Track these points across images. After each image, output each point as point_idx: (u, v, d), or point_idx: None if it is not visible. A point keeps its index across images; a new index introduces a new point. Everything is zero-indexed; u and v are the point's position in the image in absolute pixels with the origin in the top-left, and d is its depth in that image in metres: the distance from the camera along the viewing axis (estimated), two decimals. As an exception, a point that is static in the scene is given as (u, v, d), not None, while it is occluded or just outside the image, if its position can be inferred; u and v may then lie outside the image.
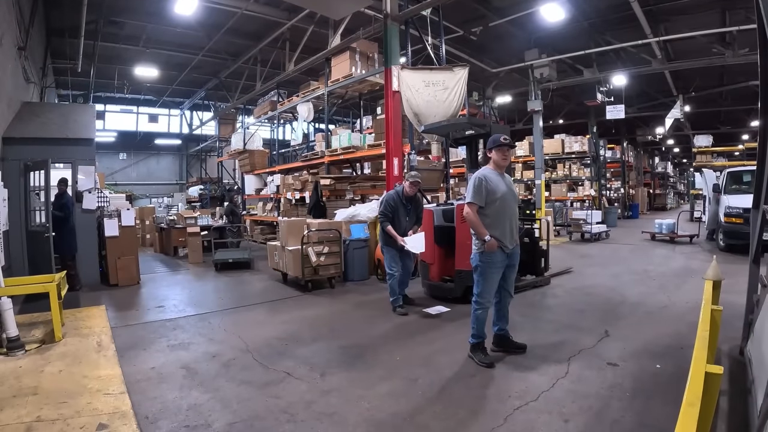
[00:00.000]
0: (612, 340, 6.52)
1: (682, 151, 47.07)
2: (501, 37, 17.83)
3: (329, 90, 15.56)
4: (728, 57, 16.55)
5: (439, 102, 11.32)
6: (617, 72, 19.15)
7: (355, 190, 15.46)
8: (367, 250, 11.06)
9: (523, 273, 9.97)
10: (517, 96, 23.11)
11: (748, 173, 16.14)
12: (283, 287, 10.54)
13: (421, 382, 5.18)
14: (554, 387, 4.97)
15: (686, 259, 13.60)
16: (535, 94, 19.38)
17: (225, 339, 6.86)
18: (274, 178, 19.21)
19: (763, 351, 4.07)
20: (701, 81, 22.60)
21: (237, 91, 23.06)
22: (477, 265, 5.63)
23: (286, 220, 11.22)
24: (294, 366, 5.68)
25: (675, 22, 15.98)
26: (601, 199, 25.42)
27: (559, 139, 25.96)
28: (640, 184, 35.94)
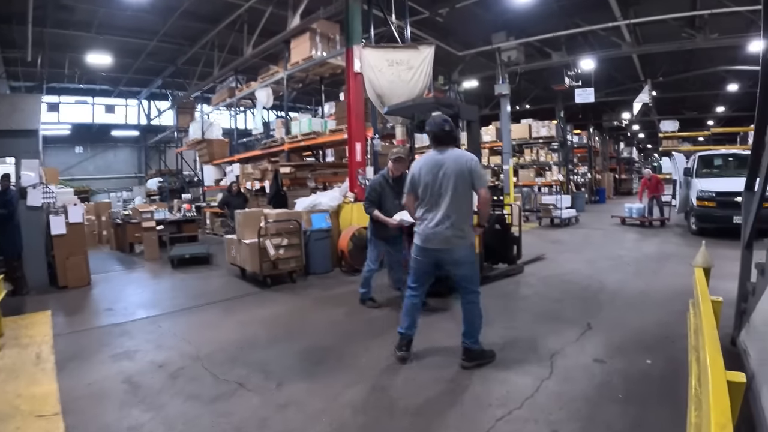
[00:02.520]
0: (595, 332, 6.09)
1: (647, 136, 47.65)
2: (468, 19, 17.30)
3: (289, 74, 14.86)
4: (699, 41, 16.50)
5: (403, 82, 10.73)
6: (586, 55, 18.92)
7: (316, 177, 14.81)
8: (329, 240, 10.43)
9: (495, 261, 9.55)
10: (483, 80, 22.76)
11: (719, 157, 16.51)
12: (241, 283, 9.82)
13: (390, 390, 4.65)
14: (539, 391, 4.48)
15: (660, 244, 13.42)
16: (503, 78, 18.99)
17: (174, 345, 6.17)
18: (233, 168, 18.51)
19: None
20: (669, 66, 22.63)
21: (194, 79, 22.19)
22: (473, 254, 5.30)
23: (242, 211, 10.48)
24: (248, 375, 5.08)
25: (645, 5, 15.77)
26: (569, 184, 25.27)
27: (526, 124, 25.82)
28: (606, 169, 36.20)
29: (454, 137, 5.21)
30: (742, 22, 15.87)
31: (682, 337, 5.62)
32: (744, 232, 5.21)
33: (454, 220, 4.90)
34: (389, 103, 10.20)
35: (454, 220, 4.90)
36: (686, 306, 6.73)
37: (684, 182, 16.07)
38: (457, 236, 4.94)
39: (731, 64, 21.47)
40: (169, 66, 22.68)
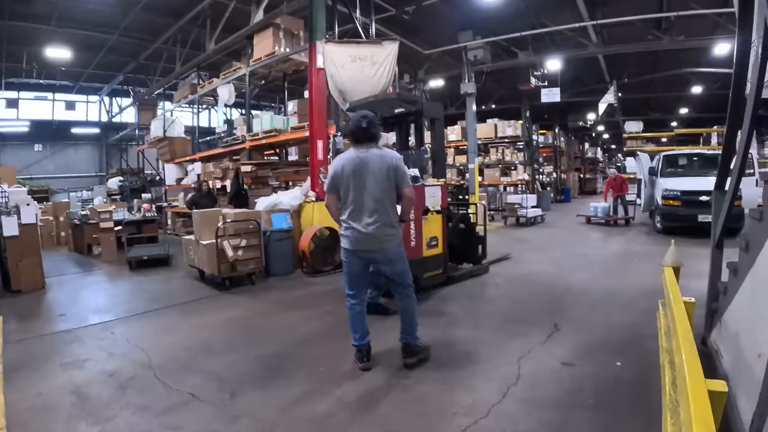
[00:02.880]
0: (563, 334, 5.91)
1: (611, 136, 48.27)
2: (434, 18, 17.08)
3: (251, 70, 14.48)
4: (665, 43, 16.70)
5: (366, 78, 10.50)
6: (552, 56, 18.94)
7: (278, 176, 14.43)
8: (290, 241, 10.10)
9: (459, 261, 9.38)
10: (449, 80, 22.59)
11: (684, 157, 16.74)
12: (199, 286, 9.40)
13: (349, 399, 4.36)
14: (506, 397, 4.25)
15: (625, 242, 13.48)
16: (469, 77, 18.88)
17: (126, 353, 5.78)
18: (194, 167, 18.01)
19: (744, 353, 3.66)
20: (634, 67, 22.91)
21: (156, 75, 21.66)
22: (402, 251, 5.15)
23: (199, 211, 10.09)
24: (201, 384, 4.74)
25: (612, 6, 15.78)
26: (534, 184, 25.39)
27: (491, 123, 25.87)
28: (571, 168, 36.76)
29: (374, 135, 4.98)
30: (708, 25, 16.10)
31: (651, 338, 5.51)
32: (714, 232, 5.11)
33: (383, 219, 4.83)
34: (351, 100, 9.96)
35: (383, 219, 4.83)
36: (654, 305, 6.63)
37: (649, 181, 16.25)
38: (387, 235, 4.87)
39: (696, 66, 21.75)
40: (130, 61, 22.04)
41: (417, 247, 7.73)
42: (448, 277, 8.51)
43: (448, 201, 8.48)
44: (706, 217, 12.52)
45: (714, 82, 24.38)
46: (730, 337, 4.19)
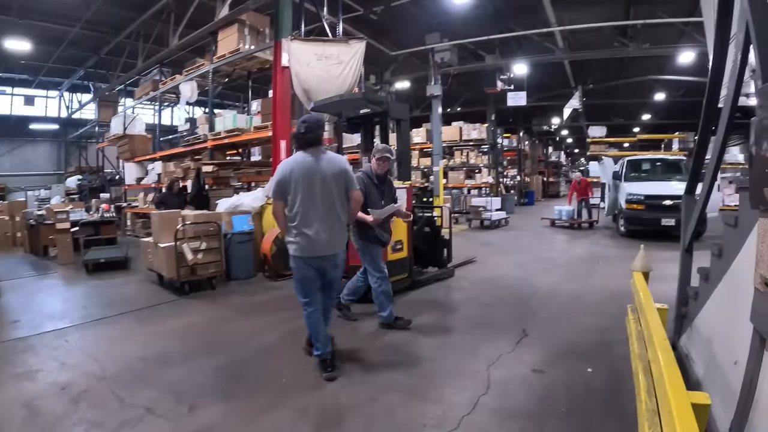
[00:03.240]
0: (531, 340, 5.81)
1: (575, 141, 48.94)
2: (402, 19, 17.00)
3: (215, 67, 14.05)
4: (631, 50, 16.98)
5: (332, 77, 10.33)
6: (519, 60, 19.04)
7: (240, 177, 14.12)
8: (251, 244, 9.80)
9: (425, 265, 9.23)
10: (415, 82, 22.55)
11: (647, 162, 17.00)
12: (158, 290, 9.00)
13: (314, 412, 4.14)
14: (476, 408, 4.10)
15: (589, 245, 13.58)
16: (435, 79, 18.77)
17: (80, 362, 5.42)
18: (155, 166, 17.53)
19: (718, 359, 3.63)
20: (599, 73, 23.31)
21: (118, 70, 20.94)
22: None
23: (158, 212, 9.74)
24: (158, 397, 4.45)
25: (580, 13, 15.90)
26: (498, 187, 25.47)
27: (457, 126, 25.88)
28: (535, 172, 37.21)
29: (312, 139, 4.86)
30: (674, 33, 16.38)
31: (620, 342, 5.45)
32: (684, 236, 5.06)
33: (335, 224, 4.84)
34: (316, 99, 9.76)
35: (336, 224, 4.85)
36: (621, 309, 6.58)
37: (613, 186, 16.46)
38: (339, 240, 4.91)
39: (660, 74, 22.19)
40: (92, 56, 21.42)
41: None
42: (414, 282, 8.36)
43: (412, 204, 8.33)
44: (669, 220, 12.74)
45: (677, 90, 24.85)
46: (702, 342, 4.15)
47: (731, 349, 3.36)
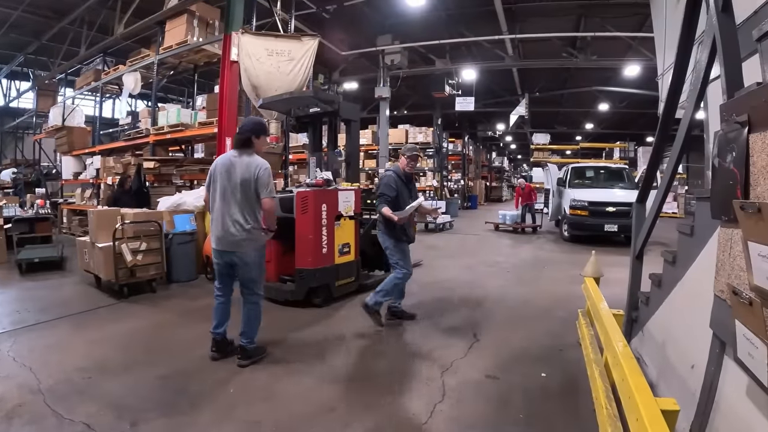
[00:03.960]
0: (484, 345, 5.77)
1: (519, 147, 49.90)
2: (355, 19, 16.85)
3: (160, 58, 13.64)
4: (579, 61, 17.50)
5: (282, 74, 10.09)
6: (469, 65, 19.21)
7: (182, 174, 13.66)
8: (194, 244, 9.43)
9: (371, 268, 9.12)
10: (364, 83, 22.51)
11: (591, 169, 17.36)
12: (95, 293, 8.45)
13: (266, 426, 3.91)
14: (433, 416, 4.00)
15: (534, 250, 13.76)
16: (384, 81, 18.83)
17: (13, 374, 4.94)
18: (93, 160, 16.69)
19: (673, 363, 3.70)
20: (546, 82, 23.73)
21: (59, 58, 19.88)
22: (260, 258, 5.37)
23: (95, 210, 9.21)
24: (97, 412, 4.07)
25: (531, 22, 16.25)
26: (443, 190, 25.65)
27: (403, 129, 26.11)
28: (478, 176, 37.91)
29: (245, 141, 5.13)
30: (621, 47, 16.82)
31: (572, 346, 5.54)
32: (634, 243, 5.11)
33: (242, 223, 4.99)
34: (265, 96, 9.52)
35: (243, 223, 5.00)
36: (570, 313, 6.69)
37: (557, 192, 16.92)
38: (246, 239, 5.02)
39: (605, 85, 22.82)
40: (33, 41, 20.17)
41: (329, 254, 7.44)
42: (361, 285, 8.25)
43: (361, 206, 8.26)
44: (612, 226, 13.06)
45: (621, 101, 25.59)
46: (655, 346, 4.20)
47: (688, 353, 3.42)
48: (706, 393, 2.82)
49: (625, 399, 2.74)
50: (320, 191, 7.34)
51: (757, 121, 2.21)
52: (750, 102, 2.30)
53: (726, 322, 2.49)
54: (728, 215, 2.53)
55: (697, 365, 3.13)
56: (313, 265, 7.22)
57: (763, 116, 2.14)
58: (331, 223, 7.41)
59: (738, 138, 2.38)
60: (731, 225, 2.51)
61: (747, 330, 2.14)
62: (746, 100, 2.37)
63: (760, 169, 2.15)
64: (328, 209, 7.33)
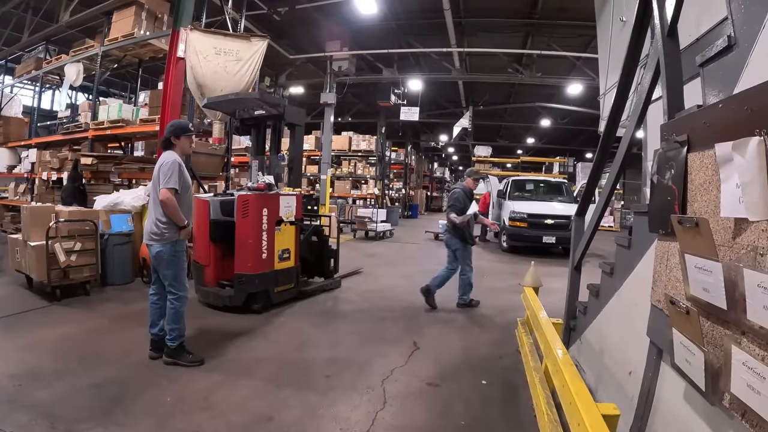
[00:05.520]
0: (424, 353, 5.80)
1: (460, 158, 50.46)
2: (305, 23, 16.69)
3: (105, 50, 13.04)
4: (524, 77, 17.86)
5: (228, 74, 9.92)
6: (416, 76, 19.36)
7: (121, 172, 13.07)
8: (131, 246, 9.06)
9: (310, 275, 9.07)
10: (309, 88, 22.44)
11: (531, 182, 17.92)
12: (26, 295, 8.00)
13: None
14: (375, 425, 3.98)
15: (473, 260, 13.63)
16: (330, 87, 18.71)
17: None
18: (29, 154, 16.05)
19: (611, 370, 3.83)
20: (490, 96, 24.07)
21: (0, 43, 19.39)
22: (172, 256, 5.25)
23: (28, 207, 8.67)
24: (29, 422, 3.86)
25: (479, 37, 16.50)
26: (384, 198, 25.75)
27: (346, 136, 26.16)
28: (419, 186, 37.98)
29: (165, 141, 5.41)
30: (566, 65, 17.28)
31: (510, 354, 5.65)
32: (573, 255, 5.26)
33: (155, 220, 5.14)
34: (210, 95, 9.36)
35: (154, 219, 5.16)
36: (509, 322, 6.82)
37: (497, 203, 17.24)
38: (155, 233, 5.14)
39: (548, 101, 23.46)
40: None
41: (268, 259, 7.35)
42: (300, 292, 8.18)
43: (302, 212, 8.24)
44: (550, 238, 13.41)
45: (562, 117, 26.30)
46: (593, 354, 4.32)
47: (625, 360, 3.54)
48: (644, 398, 2.92)
49: (566, 404, 2.80)
50: (262, 195, 7.25)
51: (696, 141, 2.32)
52: (690, 123, 2.42)
53: (663, 330, 2.60)
54: (666, 229, 2.65)
55: (635, 371, 3.25)
56: (253, 270, 7.13)
57: (702, 137, 2.25)
58: (272, 228, 7.32)
59: (677, 156, 2.50)
60: (668, 238, 2.62)
61: (684, 337, 2.25)
62: (687, 121, 2.50)
63: (697, 186, 2.27)
64: (269, 214, 7.24)
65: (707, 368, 2.05)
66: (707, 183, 2.15)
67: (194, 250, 7.63)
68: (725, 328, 1.94)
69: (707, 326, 2.08)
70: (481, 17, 15.55)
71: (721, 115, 2.07)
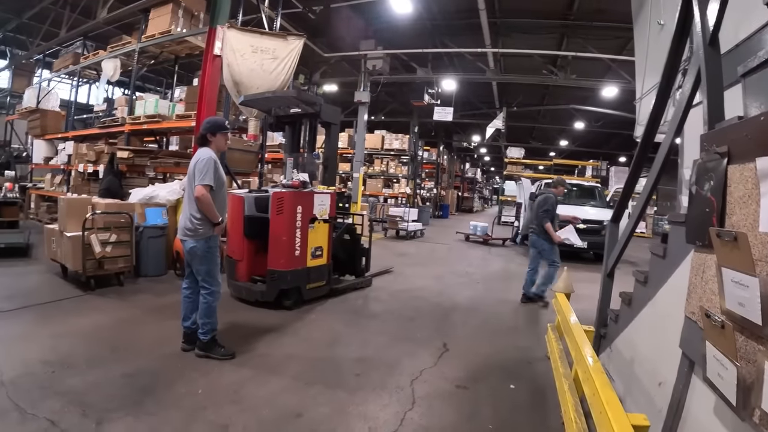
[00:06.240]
0: (453, 355, 5.78)
1: (492, 159, 50.04)
2: (339, 22, 16.71)
3: (142, 46, 13.29)
4: (559, 79, 17.68)
5: (265, 72, 10.01)
6: (450, 76, 19.27)
7: (156, 166, 13.24)
8: (164, 239, 9.22)
9: (342, 273, 9.09)
10: (343, 86, 22.52)
11: None
12: (61, 284, 8.17)
13: (234, 430, 3.84)
14: (403, 425, 3.99)
15: (504, 262, 13.87)
16: (365, 86, 18.81)
17: None
18: (66, 146, 16.29)
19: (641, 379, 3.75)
20: (524, 97, 23.85)
21: (38, 38, 19.40)
22: (206, 252, 5.27)
23: (66, 198, 8.89)
24: (62, 409, 3.91)
25: (514, 38, 16.39)
26: (415, 198, 25.69)
27: (379, 134, 26.21)
28: (450, 186, 37.91)
29: (200, 138, 5.44)
30: (601, 68, 17.05)
31: (540, 359, 5.62)
32: (606, 262, 5.19)
33: (189, 215, 5.19)
34: (246, 92, 9.46)
35: (186, 214, 5.23)
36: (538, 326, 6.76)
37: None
38: (189, 229, 5.19)
39: (582, 104, 23.13)
40: (13, 18, 19.66)
41: (301, 256, 7.39)
42: (332, 289, 8.22)
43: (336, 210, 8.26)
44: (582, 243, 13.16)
45: (596, 120, 25.93)
46: (623, 363, 4.27)
47: (655, 371, 3.49)
48: (674, 410, 2.87)
49: (596, 413, 2.79)
50: (297, 193, 7.28)
51: (736, 153, 2.28)
52: (731, 135, 2.38)
53: (696, 342, 2.57)
54: (703, 241, 2.61)
55: (665, 383, 3.20)
56: (286, 266, 7.17)
57: (742, 149, 2.22)
58: (306, 225, 7.36)
59: (717, 168, 2.46)
60: (705, 250, 2.58)
61: (717, 351, 2.21)
62: (727, 132, 2.45)
63: (737, 199, 2.23)
64: (303, 211, 7.29)
65: (739, 383, 2.02)
66: (746, 196, 2.11)
67: (228, 245, 7.71)
68: (759, 344, 1.91)
69: (741, 341, 2.05)
70: (517, 18, 15.50)
71: (763, 129, 2.03)
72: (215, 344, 5.29)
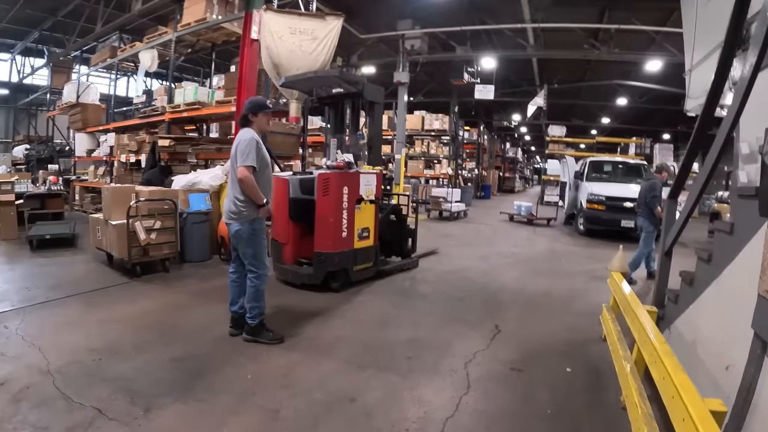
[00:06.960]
0: (505, 336, 5.68)
1: (533, 138, 49.29)
2: (376, 2, 16.65)
3: (178, 36, 13.43)
4: (602, 53, 17.04)
5: (304, 53, 9.93)
6: (489, 53, 18.86)
7: (198, 153, 13.31)
8: (208, 224, 9.30)
9: (389, 254, 9.05)
10: (381, 67, 22.18)
11: (609, 164, 17.10)
12: (107, 272, 8.30)
13: (285, 414, 3.79)
14: (459, 409, 3.90)
15: (550, 242, 13.63)
16: (403, 66, 18.55)
17: (22, 353, 4.71)
18: (107, 138, 16.64)
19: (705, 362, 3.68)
20: (565, 74, 23.21)
21: (74, 35, 19.95)
22: (252, 234, 5.21)
23: (110, 187, 9.07)
24: (109, 396, 3.90)
25: (554, 12, 15.85)
26: (457, 179, 25.48)
27: (419, 115, 25.99)
28: (492, 166, 37.57)
29: (244, 118, 5.35)
30: (644, 40, 16.48)
31: (593, 341, 5.51)
32: (664, 240, 5.02)
33: (234, 198, 5.15)
34: (286, 74, 9.37)
35: (231, 197, 5.19)
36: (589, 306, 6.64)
37: (573, 185, 16.69)
38: (233, 212, 5.16)
39: (625, 79, 22.41)
40: (48, 17, 20.25)
41: (348, 238, 7.35)
42: (379, 271, 8.16)
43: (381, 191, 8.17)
44: (629, 222, 12.86)
45: (640, 96, 25.18)
46: (684, 345, 4.13)
47: (722, 354, 3.37)
48: (744, 394, 2.76)
49: (667, 398, 2.66)
50: (343, 174, 7.21)
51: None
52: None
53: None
54: (776, 214, 2.45)
55: (733, 366, 3.09)
56: (333, 248, 7.14)
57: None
58: (352, 206, 7.30)
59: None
60: (782, 223, 2.43)
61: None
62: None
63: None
64: (349, 192, 7.22)
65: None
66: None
67: (273, 228, 7.69)
68: None
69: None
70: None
71: None
72: (263, 328, 5.27)
